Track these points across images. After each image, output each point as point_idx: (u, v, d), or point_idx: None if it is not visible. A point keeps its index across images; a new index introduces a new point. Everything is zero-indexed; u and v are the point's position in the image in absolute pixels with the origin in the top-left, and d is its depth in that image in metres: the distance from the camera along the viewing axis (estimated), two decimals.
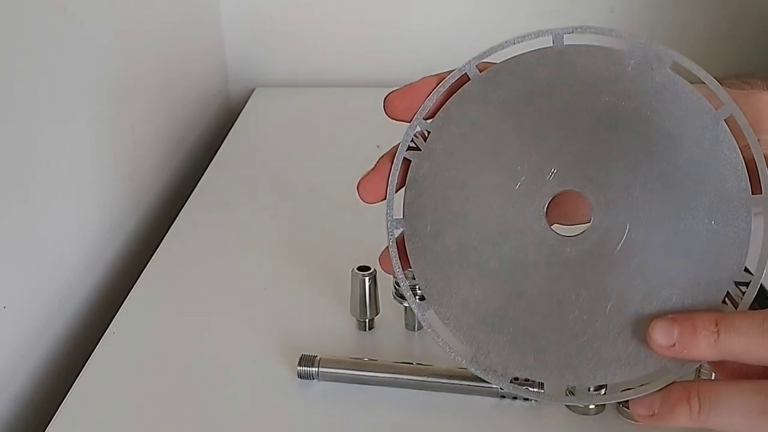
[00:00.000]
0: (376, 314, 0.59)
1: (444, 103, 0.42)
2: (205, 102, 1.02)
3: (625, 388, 0.40)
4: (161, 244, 0.72)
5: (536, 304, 0.40)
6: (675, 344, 0.38)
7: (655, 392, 0.39)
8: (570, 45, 0.40)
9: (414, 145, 0.42)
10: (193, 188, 0.81)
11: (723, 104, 0.39)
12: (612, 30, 0.40)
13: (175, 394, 0.55)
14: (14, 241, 0.58)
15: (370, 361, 0.55)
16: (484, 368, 0.41)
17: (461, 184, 0.41)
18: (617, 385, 0.40)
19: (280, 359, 0.57)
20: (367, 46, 1.07)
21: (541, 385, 0.44)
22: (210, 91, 1.04)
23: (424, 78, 0.42)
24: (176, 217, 0.76)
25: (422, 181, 0.42)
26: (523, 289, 0.41)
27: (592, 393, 0.43)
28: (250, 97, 1.04)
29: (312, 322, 0.61)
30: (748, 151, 0.38)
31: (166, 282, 0.67)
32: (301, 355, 0.55)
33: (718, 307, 0.39)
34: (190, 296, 0.65)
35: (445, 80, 0.42)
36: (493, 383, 0.42)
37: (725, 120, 0.39)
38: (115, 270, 0.74)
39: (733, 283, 0.39)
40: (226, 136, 0.93)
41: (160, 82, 0.86)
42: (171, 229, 0.74)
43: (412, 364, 0.54)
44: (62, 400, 0.55)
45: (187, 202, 0.79)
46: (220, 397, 0.54)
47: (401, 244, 0.42)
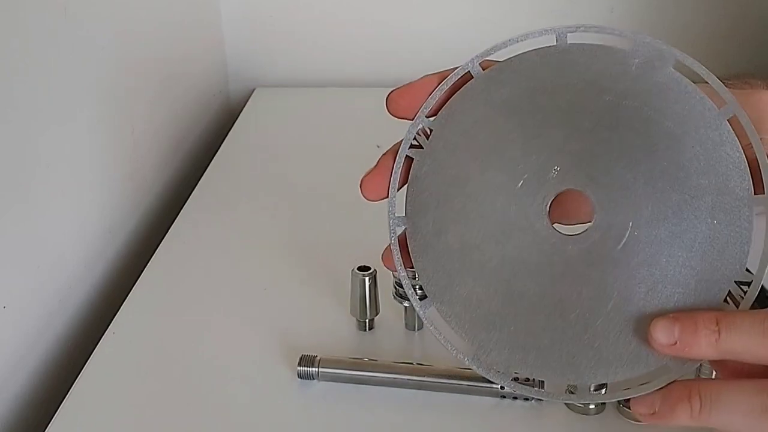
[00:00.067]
0: (376, 314, 0.59)
1: (447, 101, 0.42)
2: (205, 102, 1.01)
3: (625, 387, 0.40)
4: (161, 244, 0.72)
5: (538, 302, 0.40)
6: (676, 343, 0.38)
7: (655, 391, 0.39)
8: (573, 44, 0.40)
9: (416, 143, 0.42)
10: (193, 188, 0.81)
11: (726, 104, 0.39)
12: (615, 28, 0.40)
13: (175, 394, 0.55)
14: (14, 241, 0.58)
15: (370, 361, 0.55)
16: (486, 366, 0.41)
17: (463, 182, 0.41)
18: (618, 384, 0.40)
19: (280, 359, 0.57)
20: (367, 46, 1.07)
21: (542, 384, 0.44)
22: (210, 91, 1.04)
23: (427, 76, 0.42)
24: (176, 217, 0.76)
25: (424, 179, 0.42)
26: (525, 288, 0.41)
27: (593, 392, 0.43)
28: (250, 97, 1.04)
29: (312, 322, 0.61)
30: (751, 151, 0.38)
31: (166, 282, 0.67)
32: (301, 355, 0.55)
33: (720, 307, 0.39)
34: (190, 296, 0.65)
35: (447, 78, 0.42)
36: (494, 381, 0.42)
37: (728, 119, 0.39)
38: (115, 270, 0.74)
39: (735, 283, 0.39)
40: (226, 136, 0.93)
41: (160, 82, 0.86)
42: (171, 229, 0.74)
43: (412, 364, 0.54)
44: (62, 400, 0.55)
45: (187, 202, 0.79)
46: (220, 397, 0.54)
47: (403, 241, 0.42)
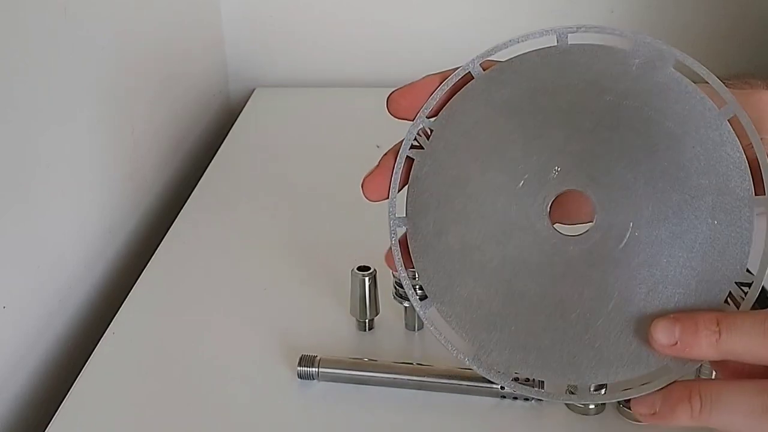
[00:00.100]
0: (376, 314, 0.59)
1: (447, 101, 0.42)
2: (205, 102, 1.01)
3: (626, 388, 0.40)
4: (161, 244, 0.72)
5: (538, 302, 0.40)
6: (677, 343, 0.38)
7: (656, 391, 0.39)
8: (574, 44, 0.40)
9: (417, 144, 0.42)
10: (193, 188, 0.81)
11: (726, 104, 0.39)
12: (615, 29, 0.40)
13: (175, 394, 0.55)
14: (14, 241, 0.58)
15: (370, 362, 0.55)
16: (486, 366, 0.41)
17: (464, 182, 0.41)
18: (618, 384, 0.40)
19: (280, 359, 0.57)
20: (367, 46, 1.07)
21: (542, 384, 0.43)
22: (210, 91, 1.04)
23: (428, 76, 0.42)
24: (176, 217, 0.76)
25: (425, 180, 0.42)
26: (526, 288, 0.41)
27: (593, 392, 0.43)
28: (250, 97, 1.04)
29: (312, 322, 0.61)
30: (751, 151, 0.38)
31: (166, 282, 0.67)
32: (301, 356, 0.55)
33: (720, 307, 0.39)
34: (190, 296, 0.65)
35: (448, 78, 0.42)
36: (494, 381, 0.42)
37: (728, 120, 0.39)
38: (115, 270, 0.74)
39: (735, 284, 0.39)
40: (226, 136, 0.93)
41: (160, 82, 0.86)
42: (171, 229, 0.74)
43: (412, 364, 0.54)
44: (62, 400, 0.55)
45: (187, 202, 0.79)
46: (220, 397, 0.54)
47: (404, 242, 0.42)
